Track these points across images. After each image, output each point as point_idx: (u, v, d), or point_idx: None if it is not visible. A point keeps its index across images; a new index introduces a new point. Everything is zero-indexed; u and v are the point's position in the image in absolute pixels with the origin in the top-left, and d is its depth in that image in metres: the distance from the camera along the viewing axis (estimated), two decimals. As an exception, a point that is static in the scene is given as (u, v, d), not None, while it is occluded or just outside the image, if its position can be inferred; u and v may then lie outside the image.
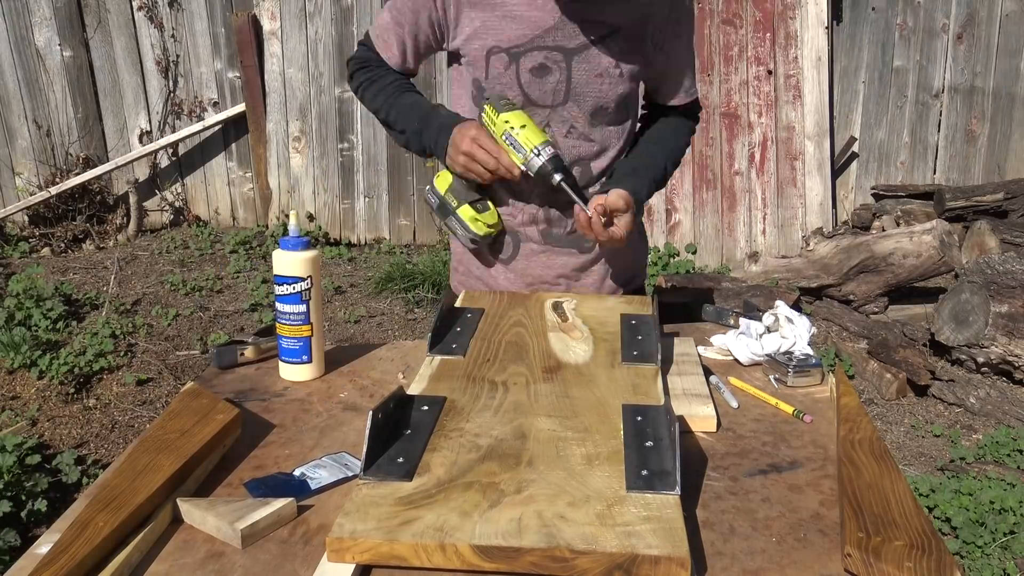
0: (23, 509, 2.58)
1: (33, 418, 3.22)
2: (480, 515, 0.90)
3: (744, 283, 4.33)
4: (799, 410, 1.24)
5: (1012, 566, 2.43)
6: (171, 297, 4.39)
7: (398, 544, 0.86)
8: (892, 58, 5.10)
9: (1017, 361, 3.46)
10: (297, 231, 1.33)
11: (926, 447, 3.26)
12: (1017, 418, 3.35)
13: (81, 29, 5.07)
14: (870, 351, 3.82)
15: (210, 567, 0.88)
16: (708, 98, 4.94)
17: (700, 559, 0.89)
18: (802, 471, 1.07)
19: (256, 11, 5.04)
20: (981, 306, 3.55)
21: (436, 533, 0.87)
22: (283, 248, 1.32)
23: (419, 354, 1.43)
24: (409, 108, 1.61)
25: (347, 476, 1.06)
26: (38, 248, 5.07)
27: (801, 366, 1.36)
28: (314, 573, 0.85)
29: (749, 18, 4.88)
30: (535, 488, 0.96)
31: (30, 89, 5.08)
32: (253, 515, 0.92)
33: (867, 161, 5.25)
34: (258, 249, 5.07)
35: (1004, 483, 2.80)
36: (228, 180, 5.38)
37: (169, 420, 1.12)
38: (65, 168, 5.16)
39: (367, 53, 1.67)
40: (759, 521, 0.96)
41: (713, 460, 1.10)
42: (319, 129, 5.20)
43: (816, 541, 0.92)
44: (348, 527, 0.88)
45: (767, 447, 1.13)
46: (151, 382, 3.57)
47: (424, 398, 1.17)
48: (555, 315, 1.51)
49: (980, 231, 4.52)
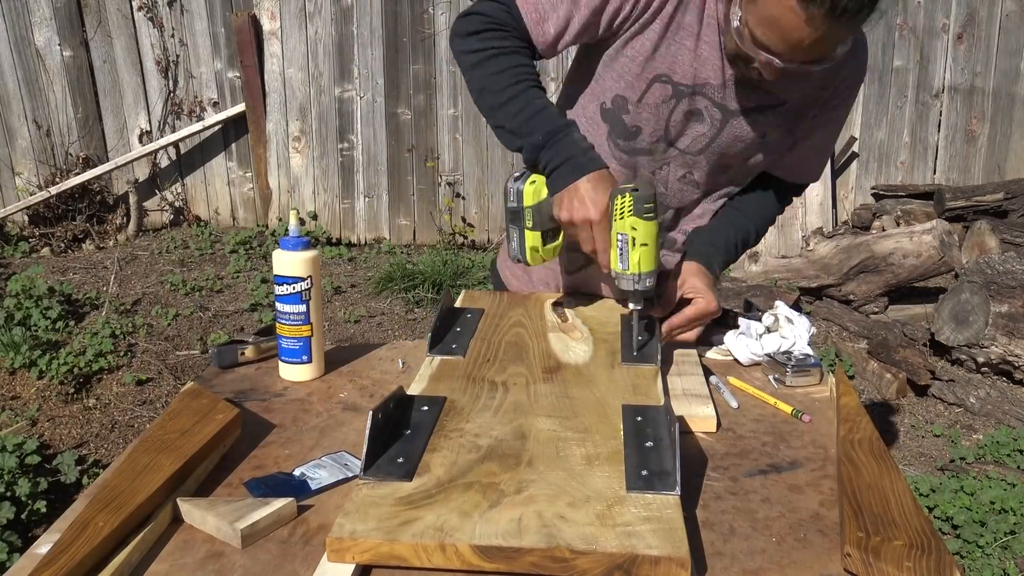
0: (24, 510, 2.58)
1: (33, 418, 3.22)
2: (480, 515, 0.90)
3: (744, 283, 4.33)
4: (797, 410, 1.24)
5: (1012, 566, 2.43)
6: (171, 297, 4.39)
7: (398, 544, 0.86)
8: (892, 58, 5.10)
9: (1017, 361, 3.46)
10: (297, 231, 1.32)
11: (926, 447, 3.26)
12: (1017, 418, 3.35)
13: (81, 29, 5.06)
14: (870, 351, 3.82)
15: (210, 567, 0.88)
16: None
17: (700, 559, 0.89)
18: (802, 471, 1.07)
19: (256, 11, 5.04)
20: (981, 306, 3.55)
21: (436, 533, 0.87)
22: (283, 248, 1.31)
23: (419, 354, 1.43)
24: (537, 112, 1.37)
25: (347, 476, 1.06)
26: (38, 248, 5.07)
27: (800, 366, 1.36)
28: (314, 573, 0.85)
29: (749, 18, 4.88)
30: (535, 488, 0.96)
31: (30, 89, 5.08)
32: (253, 515, 0.92)
33: (867, 161, 5.25)
34: (258, 249, 5.07)
35: (1004, 483, 2.80)
36: (228, 180, 5.38)
37: (169, 420, 1.12)
38: (65, 168, 5.16)
39: (503, 15, 1.38)
40: (759, 521, 0.96)
41: (713, 460, 1.10)
42: (319, 129, 5.20)
43: (816, 541, 0.92)
44: (348, 527, 0.88)
45: (767, 447, 1.13)
46: (151, 382, 3.57)
47: (424, 398, 1.17)
48: (555, 315, 1.51)
49: (980, 231, 4.52)
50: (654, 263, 1.31)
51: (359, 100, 5.16)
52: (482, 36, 1.39)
